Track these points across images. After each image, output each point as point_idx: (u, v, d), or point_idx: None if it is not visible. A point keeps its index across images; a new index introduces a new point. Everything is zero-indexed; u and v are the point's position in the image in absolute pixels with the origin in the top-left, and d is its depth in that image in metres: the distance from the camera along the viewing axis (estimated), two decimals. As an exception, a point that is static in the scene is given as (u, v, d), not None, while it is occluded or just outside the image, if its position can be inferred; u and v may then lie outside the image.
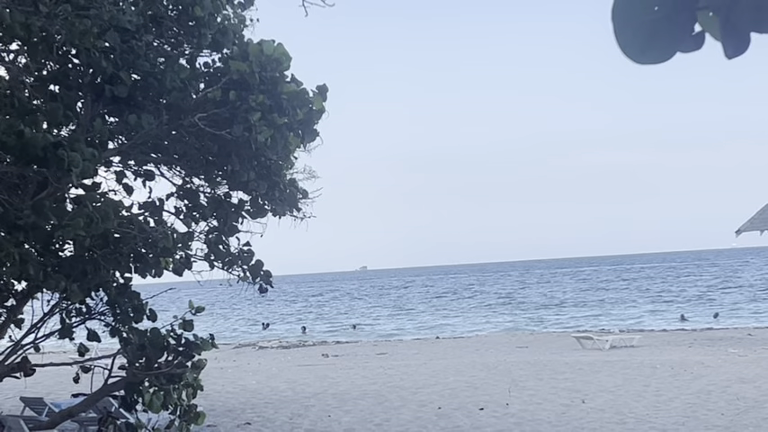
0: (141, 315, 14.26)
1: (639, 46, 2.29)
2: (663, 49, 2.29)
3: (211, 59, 13.93)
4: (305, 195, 15.14)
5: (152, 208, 14.44)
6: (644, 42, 2.28)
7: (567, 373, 26.64)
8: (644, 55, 2.30)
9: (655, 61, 2.31)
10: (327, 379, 27.71)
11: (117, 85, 12.33)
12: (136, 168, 14.63)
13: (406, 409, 20.88)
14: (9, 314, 14.46)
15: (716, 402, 20.14)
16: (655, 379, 24.51)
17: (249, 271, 15.29)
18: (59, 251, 13.15)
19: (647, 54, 2.30)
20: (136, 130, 12.72)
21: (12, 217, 11.56)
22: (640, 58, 2.30)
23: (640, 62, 2.30)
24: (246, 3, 14.53)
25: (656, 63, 2.31)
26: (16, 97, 11.65)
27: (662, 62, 2.32)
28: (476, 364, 30.37)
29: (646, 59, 2.30)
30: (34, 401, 19.09)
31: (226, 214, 14.89)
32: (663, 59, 2.31)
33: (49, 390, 24.78)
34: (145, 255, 13.76)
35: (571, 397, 21.74)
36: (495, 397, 22.21)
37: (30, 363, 14.40)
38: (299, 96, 13.24)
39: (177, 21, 13.38)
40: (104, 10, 11.62)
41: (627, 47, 2.28)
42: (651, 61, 2.31)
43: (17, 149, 10.82)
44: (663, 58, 2.31)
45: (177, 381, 13.87)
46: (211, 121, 12.74)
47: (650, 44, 2.28)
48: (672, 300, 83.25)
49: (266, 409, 21.84)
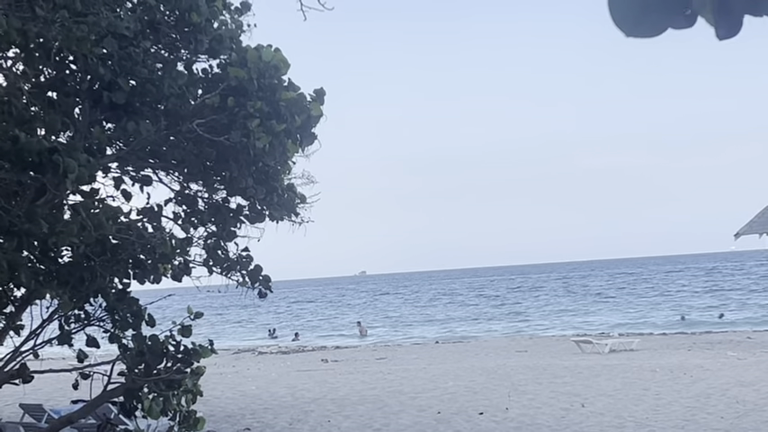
0: (140, 321, 14.23)
1: (632, 19, 2.35)
2: (654, 23, 2.36)
3: (209, 65, 13.94)
4: (303, 200, 15.14)
5: (150, 214, 14.43)
6: (636, 16, 2.34)
7: (567, 377, 26.64)
8: (636, 28, 2.37)
9: (646, 35, 2.38)
10: (327, 384, 27.69)
11: (115, 91, 12.33)
12: (134, 174, 14.62)
13: (405, 414, 20.87)
14: (8, 321, 14.44)
15: (715, 406, 20.14)
16: (654, 382, 24.51)
17: (248, 276, 15.29)
18: (57, 258, 13.12)
19: (639, 28, 2.38)
20: (134, 137, 12.72)
21: (6, 223, 11.54)
22: (632, 32, 2.36)
23: (632, 36, 2.37)
24: (244, 8, 14.54)
25: (647, 37, 2.39)
26: (13, 105, 11.63)
27: (653, 36, 2.39)
28: (475, 369, 30.36)
29: (637, 33, 2.37)
30: (33, 408, 19.08)
31: (224, 219, 14.88)
32: (654, 34, 2.39)
33: (48, 396, 24.77)
34: (143, 261, 13.74)
35: (570, 401, 21.74)
36: (494, 401, 22.21)
37: (28, 369, 14.37)
38: (297, 103, 13.25)
39: (175, 27, 13.38)
40: (102, 16, 11.62)
41: (620, 20, 2.35)
42: (642, 35, 2.38)
43: (12, 155, 10.80)
44: (654, 33, 2.38)
45: (176, 387, 13.84)
46: (209, 127, 12.75)
47: (642, 18, 2.35)
48: (670, 302, 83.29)
49: (266, 414, 21.83)
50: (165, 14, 13.30)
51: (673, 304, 79.53)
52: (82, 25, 11.27)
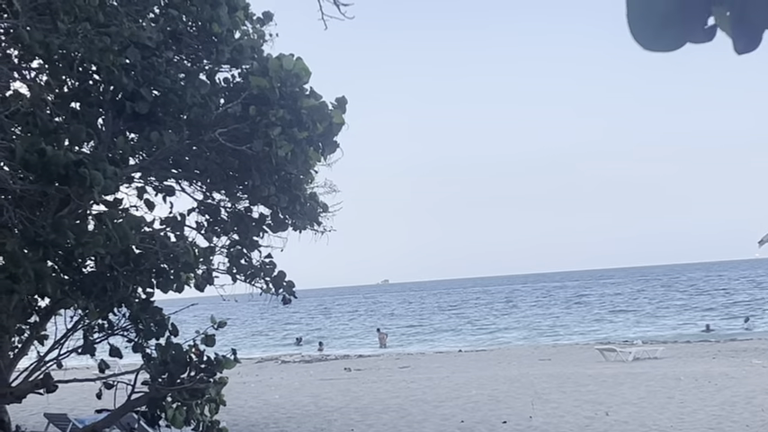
0: (164, 330, 14.27)
1: (651, 33, 2.33)
2: (674, 38, 2.34)
3: (231, 75, 13.99)
4: (325, 209, 15.17)
5: (173, 223, 14.48)
6: (656, 30, 2.33)
7: (591, 385, 26.50)
8: (655, 42, 2.35)
9: (665, 49, 2.36)
10: (350, 393, 27.65)
11: (138, 101, 12.39)
12: (157, 184, 14.69)
13: (428, 423, 20.81)
14: (33, 330, 14.51)
15: (740, 414, 19.98)
16: (678, 391, 24.35)
17: (272, 282, 15.32)
18: (81, 268, 13.18)
19: (659, 42, 2.35)
20: (157, 147, 12.77)
21: (32, 234, 11.60)
22: (652, 46, 2.35)
23: (652, 50, 2.36)
24: (266, 18, 14.59)
25: (666, 51, 2.36)
26: (38, 116, 11.70)
27: (672, 50, 2.37)
28: (498, 377, 30.26)
29: (657, 47, 2.35)
30: (58, 417, 19.13)
31: (247, 229, 14.92)
32: (673, 48, 2.37)
33: (72, 406, 24.81)
34: (166, 270, 13.78)
35: (595, 409, 21.62)
36: (517, 410, 22.10)
37: (53, 379, 14.43)
38: (318, 110, 13.27)
39: (197, 37, 13.44)
40: (124, 27, 11.68)
41: (639, 34, 2.33)
42: (662, 49, 2.36)
43: (39, 167, 10.87)
44: (673, 47, 2.36)
45: (200, 396, 13.86)
46: (232, 136, 12.79)
47: (662, 32, 2.33)
48: (695, 310, 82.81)
49: (289, 423, 21.80)
50: (188, 25, 13.36)
51: (698, 313, 79.03)
52: (104, 36, 11.33)
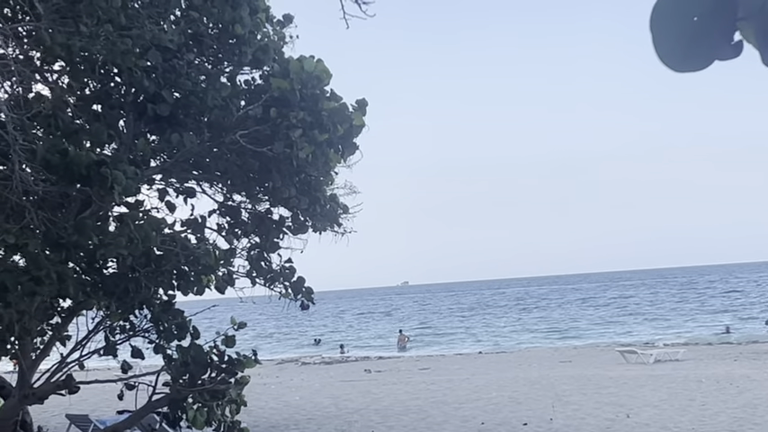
0: (185, 332, 14.31)
1: (679, 55, 2.29)
2: (702, 57, 2.30)
3: (252, 77, 14.02)
4: (345, 211, 15.18)
5: (194, 225, 14.51)
6: (684, 51, 2.28)
7: (611, 387, 26.42)
8: (684, 64, 2.30)
9: (694, 69, 2.32)
10: (370, 394, 27.66)
11: (159, 103, 12.43)
12: (178, 186, 14.73)
13: (448, 425, 20.79)
14: (55, 331, 14.57)
15: (762, 416, 19.87)
16: (700, 393, 24.25)
17: (291, 287, 15.34)
18: (102, 269, 13.24)
19: (687, 62, 2.31)
20: (178, 148, 12.82)
21: (54, 236, 11.66)
22: (680, 67, 2.31)
23: (680, 71, 2.31)
24: (286, 20, 14.62)
25: (695, 71, 2.32)
26: (60, 118, 11.77)
27: (701, 70, 2.32)
28: (519, 379, 30.20)
29: (686, 68, 2.31)
30: (80, 419, 19.21)
31: (267, 230, 14.95)
32: (702, 67, 2.32)
33: (93, 407, 24.92)
34: (187, 272, 13.82)
35: (615, 411, 21.55)
36: (538, 412, 22.06)
37: (74, 380, 14.49)
38: (339, 112, 13.28)
39: (218, 39, 13.47)
40: (146, 29, 11.73)
41: (666, 56, 2.29)
42: (691, 69, 2.32)
43: (61, 168, 10.92)
44: (702, 66, 2.31)
45: (221, 397, 13.90)
46: (252, 138, 12.81)
47: (690, 53, 2.28)
48: (715, 312, 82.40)
49: (309, 425, 21.83)
50: (209, 27, 13.40)
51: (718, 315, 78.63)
52: (126, 39, 11.38)
